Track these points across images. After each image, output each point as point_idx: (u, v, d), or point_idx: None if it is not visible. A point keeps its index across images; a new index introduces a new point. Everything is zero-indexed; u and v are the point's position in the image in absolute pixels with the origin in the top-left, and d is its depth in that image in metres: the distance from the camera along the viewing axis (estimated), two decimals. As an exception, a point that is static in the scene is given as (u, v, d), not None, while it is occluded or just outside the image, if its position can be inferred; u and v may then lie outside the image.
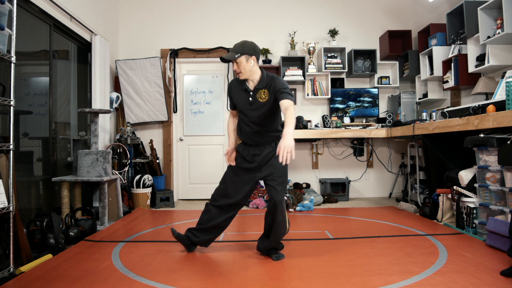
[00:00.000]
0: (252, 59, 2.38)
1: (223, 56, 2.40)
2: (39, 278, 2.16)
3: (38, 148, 3.51)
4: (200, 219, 2.60)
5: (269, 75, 2.44)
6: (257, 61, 2.42)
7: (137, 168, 4.86)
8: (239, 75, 2.41)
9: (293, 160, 5.36)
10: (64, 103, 4.02)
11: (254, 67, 2.40)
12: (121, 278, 2.15)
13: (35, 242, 2.77)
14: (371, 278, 2.08)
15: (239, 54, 2.34)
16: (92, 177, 3.51)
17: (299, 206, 4.31)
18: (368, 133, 4.72)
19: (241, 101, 2.48)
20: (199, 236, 2.60)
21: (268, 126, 2.45)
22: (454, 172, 3.36)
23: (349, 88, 5.30)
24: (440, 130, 3.40)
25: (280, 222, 2.39)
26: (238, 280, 2.10)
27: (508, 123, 2.55)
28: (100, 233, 3.22)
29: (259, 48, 2.44)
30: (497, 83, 3.55)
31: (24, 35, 3.24)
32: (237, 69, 2.38)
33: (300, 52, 5.36)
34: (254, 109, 2.42)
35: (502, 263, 2.25)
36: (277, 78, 2.39)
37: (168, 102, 5.19)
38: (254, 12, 5.39)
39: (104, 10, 4.80)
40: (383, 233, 3.12)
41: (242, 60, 2.35)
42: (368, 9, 5.47)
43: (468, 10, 3.64)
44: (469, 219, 3.07)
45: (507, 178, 2.66)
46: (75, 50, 4.29)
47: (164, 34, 5.31)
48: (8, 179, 2.36)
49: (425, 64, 4.56)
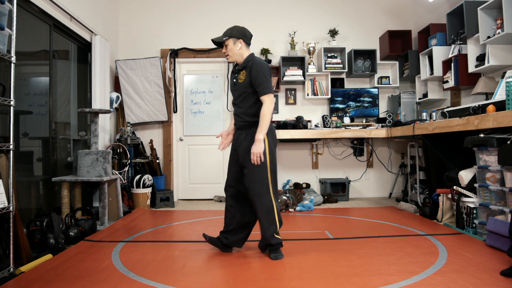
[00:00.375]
0: (239, 42, 2.51)
1: (213, 38, 2.53)
2: (39, 278, 2.16)
3: (38, 148, 3.51)
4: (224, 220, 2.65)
5: (250, 58, 2.51)
6: (245, 45, 2.54)
7: (137, 168, 4.86)
8: (227, 58, 2.56)
9: (293, 160, 5.40)
10: (64, 103, 4.02)
11: (242, 50, 2.52)
12: (121, 278, 2.15)
13: (35, 242, 2.77)
14: (371, 278, 2.08)
15: (227, 37, 2.50)
16: (92, 177, 3.51)
17: (299, 206, 4.31)
18: (368, 133, 4.72)
19: (230, 83, 2.63)
20: (228, 238, 2.62)
21: (245, 109, 2.50)
22: (454, 172, 3.36)
23: (349, 88, 5.30)
24: (440, 130, 3.40)
25: (261, 217, 2.44)
26: (238, 280, 2.10)
27: (508, 123, 2.55)
28: (100, 233, 3.22)
29: (249, 33, 2.56)
30: (497, 83, 3.55)
31: (24, 35, 3.24)
32: (225, 51, 2.54)
33: (300, 52, 5.36)
34: (235, 90, 2.56)
35: (502, 263, 2.25)
36: (255, 62, 2.46)
37: (168, 102, 5.19)
38: (254, 12, 5.39)
39: (104, 10, 4.80)
40: (383, 233, 3.12)
41: (230, 43, 2.50)
42: (368, 9, 5.47)
43: (468, 10, 3.64)
44: (469, 219, 3.07)
45: (507, 178, 2.65)
46: (75, 50, 4.29)
47: (164, 34, 5.31)
48: (8, 179, 2.36)
49: (425, 64, 4.56)
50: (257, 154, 2.35)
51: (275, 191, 2.48)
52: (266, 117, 2.39)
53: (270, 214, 2.44)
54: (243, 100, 2.50)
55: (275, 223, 2.47)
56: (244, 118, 2.50)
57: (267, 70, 2.45)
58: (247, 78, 2.46)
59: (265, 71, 2.42)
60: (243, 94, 2.49)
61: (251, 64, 2.46)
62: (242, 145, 2.51)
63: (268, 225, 2.45)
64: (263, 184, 2.43)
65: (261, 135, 2.37)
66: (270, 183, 2.45)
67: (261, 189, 2.43)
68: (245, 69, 2.49)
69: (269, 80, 2.43)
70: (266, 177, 2.44)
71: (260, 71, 2.41)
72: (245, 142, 2.49)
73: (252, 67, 2.44)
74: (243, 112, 2.51)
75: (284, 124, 4.77)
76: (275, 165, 2.51)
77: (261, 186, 2.43)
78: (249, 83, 2.45)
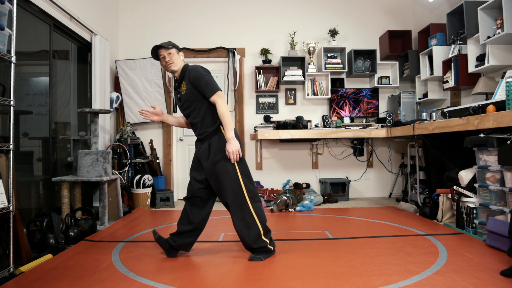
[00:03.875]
0: (181, 54, 2.52)
1: (160, 44, 2.46)
2: (39, 278, 2.16)
3: (38, 148, 3.51)
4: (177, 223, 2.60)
5: (185, 67, 2.48)
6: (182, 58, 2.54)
7: (137, 168, 4.86)
8: (170, 66, 2.46)
9: (293, 160, 5.40)
10: (64, 103, 4.02)
11: (181, 62, 2.51)
12: (121, 278, 2.15)
13: (35, 242, 2.77)
14: (371, 278, 2.08)
15: (171, 46, 2.47)
16: (92, 177, 3.50)
17: (299, 206, 4.31)
18: (368, 133, 4.72)
19: (176, 101, 2.62)
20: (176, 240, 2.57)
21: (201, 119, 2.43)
22: (454, 172, 3.36)
23: (349, 88, 5.30)
24: (440, 130, 3.40)
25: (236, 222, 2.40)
26: (238, 280, 2.10)
27: (508, 123, 2.55)
28: (100, 233, 3.22)
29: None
30: (497, 83, 3.55)
31: (24, 35, 3.24)
32: (169, 59, 2.45)
33: (300, 52, 5.36)
34: (182, 105, 2.52)
35: (502, 263, 2.25)
36: (190, 69, 2.43)
37: (168, 102, 5.19)
38: (254, 12, 5.39)
39: (104, 10, 4.80)
40: (383, 233, 3.11)
41: (174, 52, 2.47)
42: (368, 9, 5.47)
43: (468, 10, 3.64)
44: (469, 219, 3.07)
45: (507, 178, 2.65)
46: (75, 50, 4.29)
47: (164, 34, 5.30)
48: (8, 179, 2.36)
49: (425, 64, 4.56)
50: (235, 152, 2.31)
51: (251, 195, 2.40)
52: (225, 114, 2.33)
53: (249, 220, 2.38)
54: (194, 111, 2.44)
55: (256, 227, 2.40)
56: (204, 130, 2.43)
57: (203, 70, 2.41)
58: (188, 86, 2.40)
59: (202, 73, 2.39)
60: (191, 106, 2.43)
61: (187, 73, 2.43)
62: (204, 156, 2.43)
63: (248, 233, 2.40)
64: (237, 193, 2.38)
65: (230, 133, 2.32)
66: (244, 190, 2.38)
67: (237, 199, 2.38)
68: (183, 80, 2.46)
69: (210, 80, 2.37)
70: (238, 184, 2.38)
71: (198, 75, 2.37)
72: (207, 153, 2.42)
73: (190, 75, 2.39)
74: (200, 123, 2.43)
75: (284, 124, 4.77)
76: (246, 167, 2.44)
77: (236, 196, 2.38)
78: (192, 91, 2.40)
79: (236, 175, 2.39)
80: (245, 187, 2.39)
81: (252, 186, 2.43)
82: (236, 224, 2.41)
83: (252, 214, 2.40)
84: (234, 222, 2.42)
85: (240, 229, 2.41)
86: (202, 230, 2.58)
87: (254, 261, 2.40)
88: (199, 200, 2.51)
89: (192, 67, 2.44)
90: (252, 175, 2.49)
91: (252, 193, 2.42)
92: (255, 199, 2.43)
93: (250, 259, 2.42)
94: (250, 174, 2.47)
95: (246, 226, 2.39)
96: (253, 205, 2.41)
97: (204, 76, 2.38)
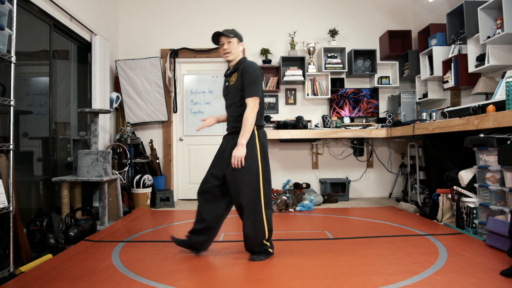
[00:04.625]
0: (241, 45, 2.52)
1: (222, 31, 2.46)
2: (39, 278, 2.16)
3: (38, 148, 3.51)
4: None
5: (243, 60, 2.48)
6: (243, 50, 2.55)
7: (137, 168, 4.86)
8: (227, 55, 2.47)
9: (293, 160, 5.40)
10: (64, 103, 4.02)
11: (240, 53, 2.51)
12: (121, 278, 2.15)
13: (35, 242, 2.77)
14: (371, 278, 2.08)
15: (233, 35, 2.46)
16: (92, 177, 3.50)
17: (299, 206, 4.31)
18: (368, 133, 4.72)
19: (223, 87, 2.61)
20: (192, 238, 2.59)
21: (238, 115, 2.43)
22: (454, 172, 3.36)
23: (349, 88, 5.30)
24: (440, 130, 3.40)
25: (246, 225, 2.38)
26: (238, 280, 2.10)
27: (508, 123, 2.56)
28: (100, 233, 3.22)
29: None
30: (497, 83, 3.55)
31: (24, 35, 3.24)
32: (228, 47, 2.46)
33: (300, 52, 5.36)
34: (227, 94, 2.52)
35: (502, 263, 2.25)
36: (249, 64, 2.43)
37: (168, 102, 5.19)
38: (254, 12, 5.39)
39: (104, 10, 4.80)
40: (383, 233, 3.11)
41: (235, 41, 2.47)
42: (368, 9, 5.47)
43: (468, 10, 3.64)
44: (469, 219, 3.07)
45: (507, 178, 2.65)
46: (75, 50, 4.29)
47: (164, 34, 5.31)
48: (8, 179, 2.36)
49: (425, 64, 4.56)
50: (238, 158, 2.29)
51: (266, 201, 2.39)
52: (249, 120, 2.32)
53: (259, 226, 2.37)
54: (235, 104, 2.45)
55: (263, 234, 2.40)
56: (238, 125, 2.42)
57: (259, 72, 2.42)
58: (239, 80, 2.40)
59: (256, 72, 2.39)
60: (234, 98, 2.44)
61: (242, 65, 2.42)
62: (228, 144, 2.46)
63: (255, 237, 2.40)
64: (254, 197, 2.36)
65: (244, 139, 2.31)
66: (262, 194, 2.37)
67: (252, 203, 2.36)
68: (237, 71, 2.45)
69: (258, 84, 2.37)
70: (258, 188, 2.36)
71: (253, 74, 2.37)
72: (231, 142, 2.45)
73: (245, 69, 2.39)
74: (237, 118, 2.43)
75: (284, 124, 4.77)
76: (268, 173, 2.42)
77: (252, 200, 2.36)
78: (240, 85, 2.40)
79: (258, 178, 2.37)
80: (263, 192, 2.38)
81: (269, 193, 2.43)
82: (246, 226, 2.40)
83: (263, 221, 2.39)
84: (244, 224, 2.40)
85: (248, 232, 2.40)
86: (215, 230, 2.56)
87: (255, 261, 2.40)
88: (211, 196, 2.50)
89: (250, 63, 2.44)
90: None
91: (268, 199, 2.42)
92: (268, 206, 2.42)
93: (250, 259, 2.43)
94: (271, 180, 2.46)
95: (254, 231, 2.39)
96: (266, 211, 2.40)
97: (256, 76, 2.38)
